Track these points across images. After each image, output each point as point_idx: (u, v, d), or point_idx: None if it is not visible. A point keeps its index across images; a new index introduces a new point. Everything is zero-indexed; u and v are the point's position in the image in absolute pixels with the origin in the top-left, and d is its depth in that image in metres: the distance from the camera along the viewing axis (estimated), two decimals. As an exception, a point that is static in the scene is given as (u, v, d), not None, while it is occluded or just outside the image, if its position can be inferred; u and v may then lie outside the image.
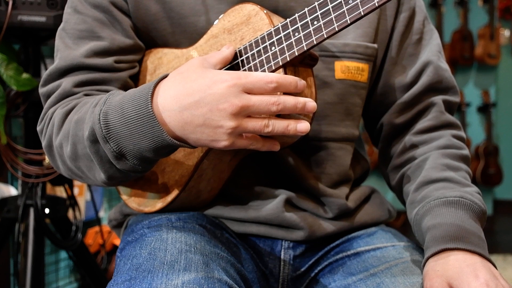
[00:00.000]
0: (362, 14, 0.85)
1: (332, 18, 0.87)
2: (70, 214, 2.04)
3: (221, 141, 0.87)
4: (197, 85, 0.86)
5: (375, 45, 1.12)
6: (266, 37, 0.93)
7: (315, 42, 0.89)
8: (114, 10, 1.06)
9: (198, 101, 0.85)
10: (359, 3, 0.85)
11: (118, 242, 2.69)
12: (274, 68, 0.92)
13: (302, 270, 1.11)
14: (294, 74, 0.94)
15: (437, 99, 1.13)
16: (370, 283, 0.97)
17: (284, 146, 0.98)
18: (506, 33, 5.40)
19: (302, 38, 0.90)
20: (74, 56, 1.04)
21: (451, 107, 1.15)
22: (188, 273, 0.84)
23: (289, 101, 0.86)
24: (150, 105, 0.87)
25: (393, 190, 1.20)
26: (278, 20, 0.98)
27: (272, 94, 0.86)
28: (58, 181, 1.99)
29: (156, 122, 0.87)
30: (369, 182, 1.27)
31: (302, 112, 0.88)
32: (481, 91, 5.22)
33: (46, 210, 1.88)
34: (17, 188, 2.17)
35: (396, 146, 1.16)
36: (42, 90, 1.07)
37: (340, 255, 1.09)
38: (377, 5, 0.84)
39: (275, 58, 0.92)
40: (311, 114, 0.95)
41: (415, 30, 1.16)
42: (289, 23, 0.91)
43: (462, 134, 1.14)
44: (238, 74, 0.85)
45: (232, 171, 1.07)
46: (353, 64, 1.10)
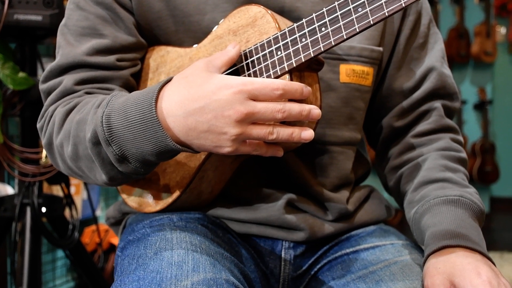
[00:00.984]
0: (372, 23, 0.84)
1: (340, 26, 0.86)
2: (67, 213, 2.04)
3: (224, 147, 0.87)
4: (202, 90, 0.85)
5: (381, 48, 1.11)
6: (272, 41, 0.92)
7: (323, 49, 0.88)
8: (117, 8, 1.05)
9: (203, 107, 0.84)
10: (369, 12, 0.84)
11: (115, 240, 2.69)
12: (279, 73, 0.92)
13: (302, 269, 1.11)
14: (300, 80, 0.93)
15: (437, 104, 1.14)
16: (369, 281, 0.97)
17: (287, 151, 0.98)
18: (502, 30, 5.41)
19: (309, 44, 0.89)
20: (75, 53, 1.03)
21: (451, 113, 1.16)
22: (196, 274, 0.83)
23: (294, 108, 0.86)
24: (154, 109, 0.86)
25: (389, 191, 1.20)
26: (285, 23, 0.97)
27: (277, 101, 0.85)
28: (55, 180, 1.98)
29: (160, 127, 0.86)
30: (367, 180, 1.27)
31: (307, 119, 0.88)
32: (477, 89, 5.23)
33: (43, 209, 1.88)
34: (13, 187, 2.17)
35: (394, 148, 1.16)
36: (42, 86, 1.07)
37: (339, 253, 1.09)
38: (387, 14, 0.83)
39: (281, 63, 0.91)
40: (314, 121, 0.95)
41: (421, 34, 1.15)
42: (296, 28, 0.90)
43: (460, 138, 1.15)
44: (243, 80, 0.85)
45: (233, 173, 1.07)
46: (358, 67, 1.09)
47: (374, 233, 1.12)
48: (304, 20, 0.90)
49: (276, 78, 0.92)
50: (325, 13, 0.88)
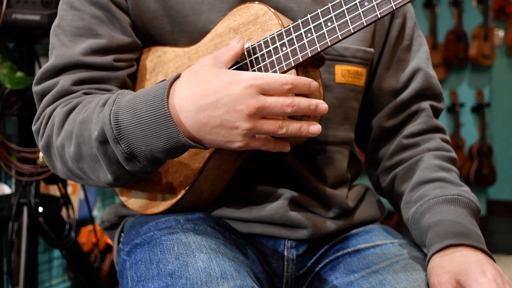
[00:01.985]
0: (379, 16, 0.86)
1: (347, 20, 0.87)
2: (64, 212, 2.04)
3: (236, 142, 0.87)
4: (213, 85, 0.85)
5: (372, 49, 1.14)
6: (276, 37, 0.93)
7: (329, 44, 0.89)
8: (113, 7, 1.05)
9: (215, 102, 0.85)
10: (375, 6, 0.85)
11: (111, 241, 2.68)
12: (286, 69, 0.92)
13: (304, 269, 1.11)
14: (304, 75, 0.94)
15: (425, 105, 1.17)
16: (372, 280, 0.98)
17: (292, 146, 0.98)
18: (500, 33, 5.41)
19: (316, 39, 0.90)
20: (71, 54, 1.02)
21: (438, 113, 1.19)
22: (226, 281, 0.83)
23: (302, 102, 0.87)
24: (166, 105, 0.86)
25: (381, 192, 1.22)
26: (286, 20, 0.97)
27: (285, 96, 0.86)
28: (52, 179, 1.98)
29: (172, 123, 0.86)
30: (359, 180, 1.28)
31: (314, 113, 0.89)
32: (475, 92, 5.23)
33: (40, 209, 1.88)
34: (10, 186, 2.16)
35: (385, 148, 1.18)
36: (36, 88, 1.05)
37: (340, 253, 1.10)
38: (394, 7, 0.85)
39: (287, 59, 0.92)
40: (320, 115, 0.96)
41: (407, 36, 1.18)
42: (301, 24, 0.91)
43: (448, 138, 1.18)
44: (254, 75, 0.85)
45: (235, 172, 1.07)
46: (353, 68, 1.11)
47: (373, 232, 1.13)
48: (309, 15, 0.91)
49: (282, 73, 0.92)
50: (330, 8, 0.89)
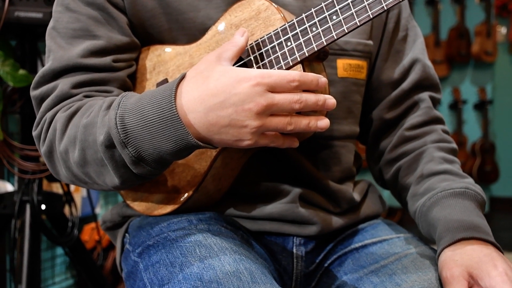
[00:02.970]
0: (385, 8, 0.85)
1: (352, 13, 0.87)
2: (67, 210, 2.04)
3: (245, 140, 0.86)
4: (220, 84, 0.84)
5: (371, 42, 1.14)
6: (280, 32, 0.92)
7: (335, 37, 0.89)
8: (110, 7, 1.03)
9: (223, 101, 0.84)
10: None
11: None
12: (291, 64, 0.92)
13: (313, 265, 1.12)
14: (310, 69, 0.93)
15: (424, 95, 1.17)
16: (382, 275, 0.98)
17: (300, 141, 0.98)
18: (502, 30, 5.41)
19: (321, 33, 0.89)
20: (69, 56, 1.00)
21: (436, 103, 1.20)
22: (257, 285, 0.83)
23: (310, 98, 0.86)
24: (174, 107, 0.85)
25: (384, 184, 1.22)
26: (288, 14, 0.96)
27: (293, 92, 0.86)
28: (55, 177, 1.98)
29: (181, 124, 0.85)
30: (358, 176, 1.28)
31: (322, 108, 0.88)
32: (477, 88, 5.22)
33: (43, 206, 1.88)
34: (13, 184, 2.17)
35: (386, 140, 1.18)
36: (34, 92, 1.02)
37: (348, 248, 1.10)
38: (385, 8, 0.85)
39: (292, 54, 0.91)
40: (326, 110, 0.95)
41: (402, 27, 1.19)
42: (305, 18, 0.90)
43: (447, 128, 1.19)
44: (261, 72, 0.85)
45: (240, 169, 1.06)
46: (354, 61, 1.10)
47: (379, 227, 1.14)
48: (313, 9, 0.90)
49: (288, 69, 0.92)
50: (335, 1, 0.88)
